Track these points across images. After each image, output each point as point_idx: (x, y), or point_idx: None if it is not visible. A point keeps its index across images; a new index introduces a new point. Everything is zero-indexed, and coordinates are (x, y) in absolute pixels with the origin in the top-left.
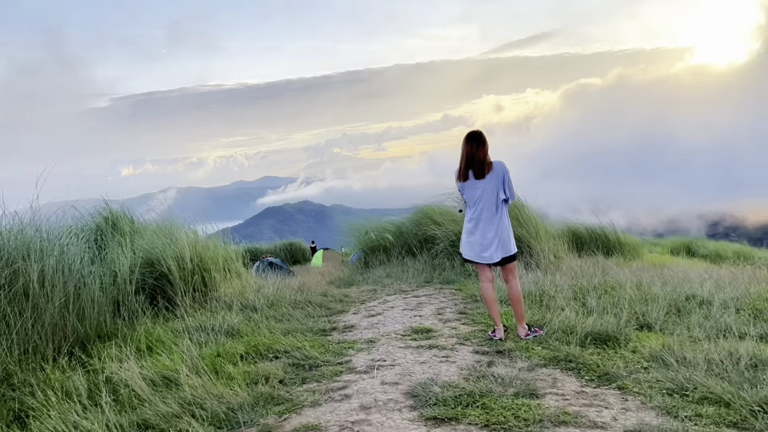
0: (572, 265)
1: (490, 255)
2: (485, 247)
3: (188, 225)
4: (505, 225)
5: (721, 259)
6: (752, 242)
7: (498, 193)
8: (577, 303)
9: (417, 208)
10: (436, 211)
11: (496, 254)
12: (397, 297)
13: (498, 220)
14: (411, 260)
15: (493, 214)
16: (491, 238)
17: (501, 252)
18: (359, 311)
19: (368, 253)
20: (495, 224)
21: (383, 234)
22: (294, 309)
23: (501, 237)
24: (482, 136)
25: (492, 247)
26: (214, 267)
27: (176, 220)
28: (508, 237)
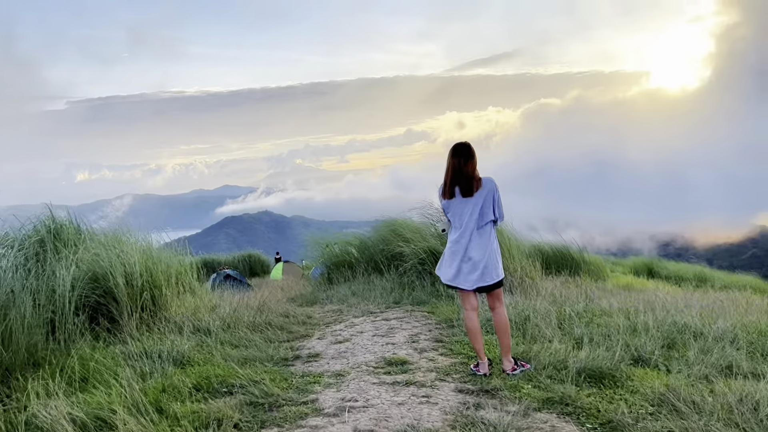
0: (548, 287)
1: (476, 280)
2: (471, 271)
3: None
4: (494, 248)
5: (683, 280)
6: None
7: (486, 212)
8: (563, 332)
9: (383, 223)
10: (404, 227)
11: (483, 279)
12: (365, 319)
13: (486, 243)
14: (378, 278)
15: (481, 235)
16: (477, 262)
17: (488, 277)
18: (325, 336)
19: (332, 268)
20: (482, 247)
21: (347, 249)
22: (253, 332)
23: (488, 261)
24: (470, 149)
25: (478, 272)
26: (166, 283)
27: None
28: (496, 261)
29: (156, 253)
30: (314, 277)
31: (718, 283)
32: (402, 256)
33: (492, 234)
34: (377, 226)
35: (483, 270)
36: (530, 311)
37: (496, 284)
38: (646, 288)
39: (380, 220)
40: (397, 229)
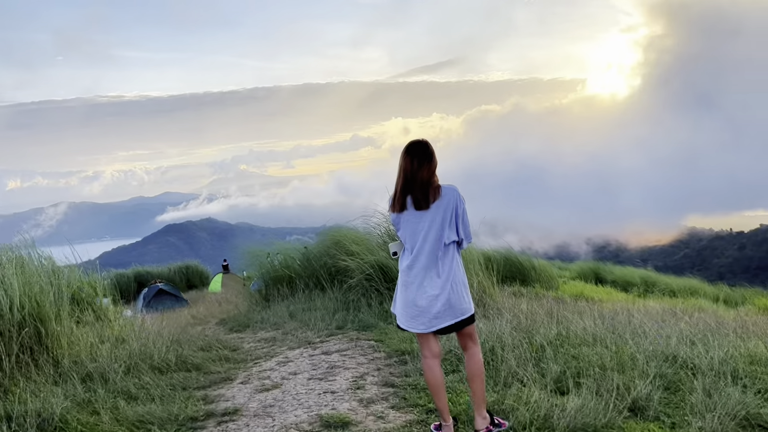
0: (508, 304)
1: (435, 319)
2: (427, 308)
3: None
4: (459, 277)
5: (631, 285)
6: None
7: (447, 230)
8: (539, 371)
9: (325, 233)
10: (349, 238)
11: (444, 318)
12: (302, 353)
13: (447, 270)
14: (320, 295)
15: (440, 260)
16: (436, 295)
17: (451, 315)
18: (250, 379)
19: (269, 284)
20: (443, 275)
21: (288, 263)
22: (161, 375)
23: (451, 294)
24: (428, 148)
25: (436, 308)
26: (56, 314)
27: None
28: (461, 293)
29: (48, 275)
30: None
31: (665, 287)
32: (346, 271)
33: (455, 259)
34: (319, 237)
35: (444, 307)
36: (495, 341)
37: (465, 321)
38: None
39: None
40: (341, 241)
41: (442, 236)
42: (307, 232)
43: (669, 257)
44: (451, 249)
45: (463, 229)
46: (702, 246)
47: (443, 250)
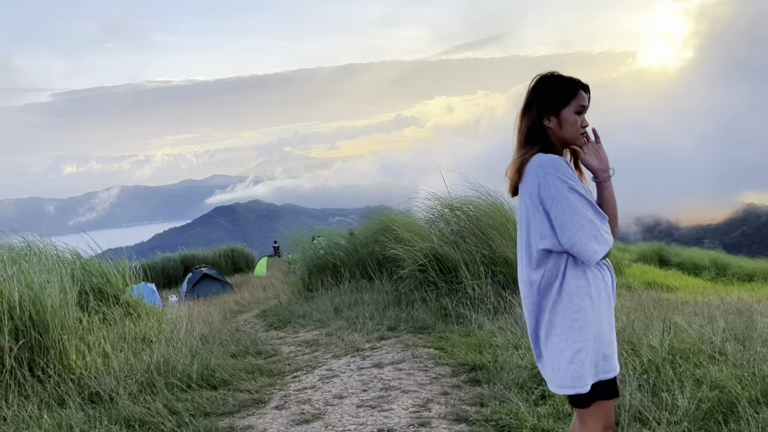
0: None
1: (541, 366)
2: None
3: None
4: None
5: (699, 268)
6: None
7: (532, 231)
8: (655, 401)
9: (372, 217)
10: (398, 223)
11: (545, 372)
12: (348, 364)
13: (536, 301)
14: (367, 286)
15: (528, 283)
16: (531, 333)
17: (547, 376)
18: (286, 402)
19: (313, 272)
20: (529, 306)
21: (333, 250)
22: (180, 394)
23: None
24: (536, 84)
25: (536, 351)
26: (62, 322)
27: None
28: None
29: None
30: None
31: (738, 271)
32: (396, 260)
33: (557, 285)
34: (365, 221)
35: (538, 360)
36: None
37: (572, 398)
38: (679, 286)
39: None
40: (390, 226)
41: (528, 241)
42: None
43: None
44: (549, 264)
45: (558, 229)
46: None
47: (535, 265)
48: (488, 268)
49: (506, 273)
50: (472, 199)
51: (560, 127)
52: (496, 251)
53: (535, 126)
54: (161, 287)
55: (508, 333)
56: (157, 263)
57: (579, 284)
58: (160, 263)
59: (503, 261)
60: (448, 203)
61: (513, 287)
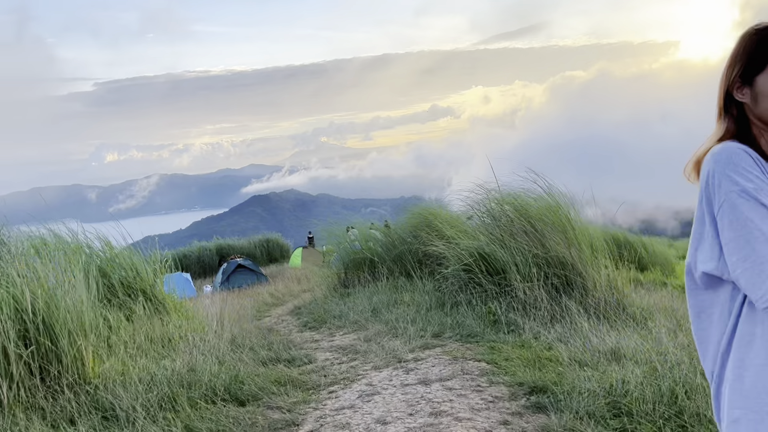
0: (645, 304)
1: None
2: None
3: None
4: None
5: None
6: None
7: (697, 247)
8: None
9: (413, 211)
10: (441, 218)
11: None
12: (391, 377)
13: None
14: (406, 285)
15: (694, 312)
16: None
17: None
18: (323, 424)
19: (349, 267)
20: (699, 343)
21: (369, 244)
22: (204, 411)
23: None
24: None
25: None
26: (79, 325)
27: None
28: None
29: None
30: (334, 266)
31: None
32: (437, 257)
33: (722, 319)
34: (405, 216)
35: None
36: (678, 384)
37: None
38: None
39: (409, 204)
40: (432, 221)
41: (693, 257)
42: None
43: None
44: (719, 295)
45: (725, 250)
46: None
47: (700, 286)
48: (541, 270)
49: (562, 275)
50: (521, 192)
51: (755, 101)
52: (550, 251)
53: (727, 102)
54: (197, 276)
55: (569, 346)
56: (193, 252)
57: (753, 332)
58: (195, 252)
59: (558, 262)
60: (496, 197)
61: (569, 291)
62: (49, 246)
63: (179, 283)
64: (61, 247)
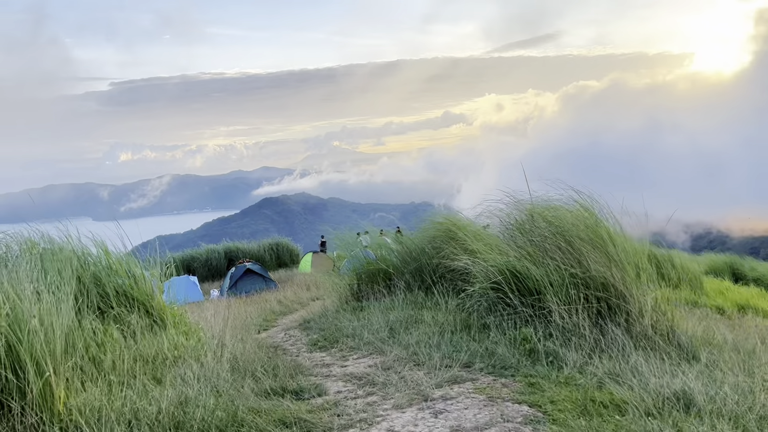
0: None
1: None
2: None
3: None
4: None
5: None
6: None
7: None
8: None
9: (434, 222)
10: (466, 230)
11: None
12: (416, 422)
13: None
14: (426, 300)
15: None
16: None
17: None
18: None
19: (362, 278)
20: None
21: (382, 252)
22: None
23: None
24: None
25: None
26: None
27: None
28: None
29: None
30: (343, 273)
31: None
32: (462, 273)
33: None
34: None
35: None
36: None
37: None
38: None
39: (417, 209)
40: (455, 233)
41: None
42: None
43: None
44: None
45: None
46: None
47: None
48: (580, 292)
49: (604, 299)
50: (554, 203)
51: None
52: (589, 271)
53: None
54: (204, 279)
55: (623, 385)
56: (201, 255)
57: None
58: (204, 255)
59: (600, 284)
60: (528, 208)
61: (613, 317)
62: (34, 249)
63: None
64: (51, 251)
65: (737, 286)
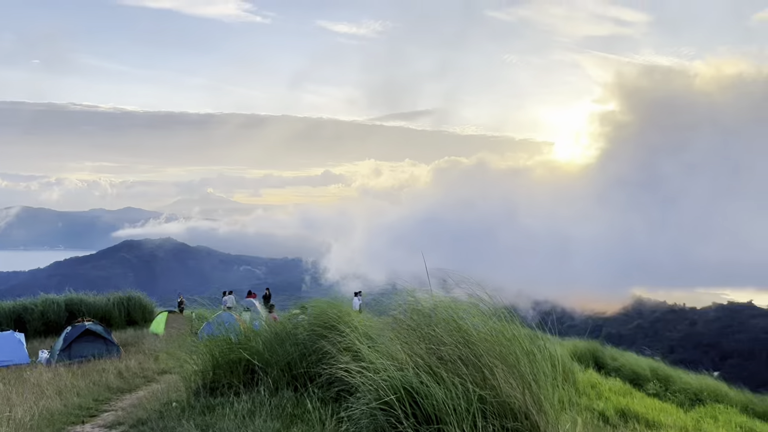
0: None
1: None
2: None
3: None
4: None
5: (640, 378)
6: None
7: None
8: None
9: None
10: (351, 324)
11: None
12: None
13: None
14: (297, 409)
15: None
16: None
17: None
18: None
19: (219, 365)
20: None
21: (249, 340)
22: None
23: None
24: None
25: None
26: None
27: None
28: None
29: None
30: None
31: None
32: (344, 385)
33: None
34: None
35: None
36: None
37: None
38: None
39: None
40: (337, 325)
41: None
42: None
43: (622, 326)
44: None
45: None
46: (655, 318)
47: None
48: (490, 422)
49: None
50: (461, 303)
51: None
52: (501, 394)
53: None
54: (36, 336)
55: None
56: (37, 305)
57: None
58: (40, 306)
59: (513, 412)
60: (428, 306)
61: None
62: None
63: (9, 345)
64: None
65: (604, 378)
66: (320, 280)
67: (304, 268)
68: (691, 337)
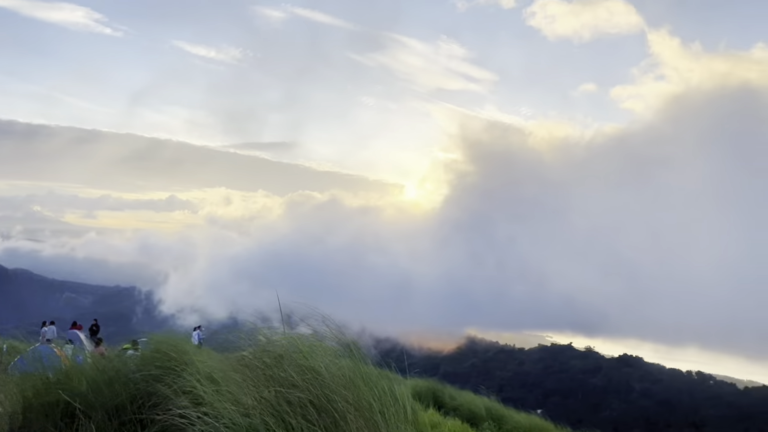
0: None
1: None
2: None
3: None
4: None
5: (477, 417)
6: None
7: None
8: None
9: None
10: (192, 363)
11: None
12: None
13: None
14: None
15: None
16: None
17: None
18: None
19: (32, 407)
20: None
21: (68, 381)
22: None
23: None
24: None
25: None
26: None
27: None
28: None
29: None
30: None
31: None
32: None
33: None
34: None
35: None
36: None
37: None
38: None
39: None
40: (173, 366)
41: None
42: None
43: (458, 365)
44: None
45: None
46: (488, 357)
47: None
48: None
49: None
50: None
51: None
52: None
53: None
54: None
55: None
56: None
57: None
58: None
59: None
60: (278, 348)
61: None
62: None
63: None
64: None
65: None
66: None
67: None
68: (519, 376)
